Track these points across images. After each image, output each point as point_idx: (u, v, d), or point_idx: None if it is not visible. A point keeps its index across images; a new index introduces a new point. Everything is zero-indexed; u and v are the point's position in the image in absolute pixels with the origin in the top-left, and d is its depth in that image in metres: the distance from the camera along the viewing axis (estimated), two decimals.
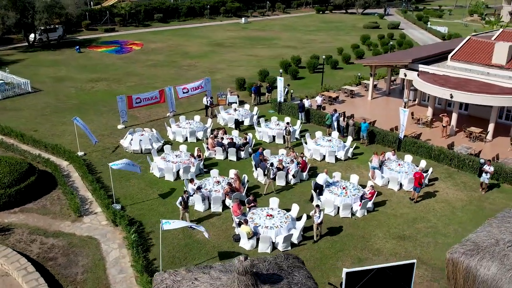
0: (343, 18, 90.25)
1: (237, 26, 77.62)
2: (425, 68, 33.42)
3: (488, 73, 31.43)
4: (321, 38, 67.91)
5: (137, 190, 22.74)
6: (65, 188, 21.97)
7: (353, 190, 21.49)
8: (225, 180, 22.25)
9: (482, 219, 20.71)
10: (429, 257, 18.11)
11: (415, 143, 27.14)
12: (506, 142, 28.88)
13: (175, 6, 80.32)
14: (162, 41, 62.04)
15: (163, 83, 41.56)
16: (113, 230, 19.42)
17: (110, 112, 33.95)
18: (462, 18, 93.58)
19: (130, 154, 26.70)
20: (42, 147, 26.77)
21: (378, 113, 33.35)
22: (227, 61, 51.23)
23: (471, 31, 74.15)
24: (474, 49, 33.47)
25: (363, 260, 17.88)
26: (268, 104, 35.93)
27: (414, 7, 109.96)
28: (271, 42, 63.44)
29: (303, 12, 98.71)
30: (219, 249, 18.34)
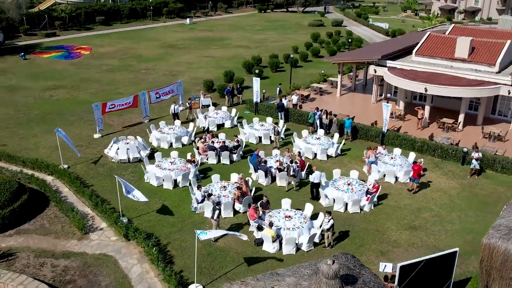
0: (286, 17, 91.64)
1: (183, 27, 76.42)
2: (393, 63, 34.79)
3: (452, 67, 33.28)
4: (271, 37, 68.52)
5: (138, 201, 21.74)
6: (62, 205, 20.58)
7: (358, 185, 21.96)
8: (230, 185, 21.88)
9: (479, 204, 22.09)
10: (444, 245, 18.94)
11: (398, 136, 28.20)
12: (476, 130, 30.76)
13: (117, 8, 77.59)
14: (111, 45, 59.73)
15: (125, 88, 40.24)
16: (126, 245, 18.50)
17: (80, 121, 32.28)
18: (397, 14, 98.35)
19: (118, 164, 25.53)
20: (19, 163, 24.89)
21: (350, 109, 34.22)
22: (185, 63, 50.32)
23: (409, 26, 78.33)
24: (436, 44, 35.30)
25: (385, 253, 18.35)
26: (242, 105, 35.69)
27: (350, 4, 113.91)
28: (223, 43, 63.11)
29: (245, 11, 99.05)
30: (243, 255, 18.04)
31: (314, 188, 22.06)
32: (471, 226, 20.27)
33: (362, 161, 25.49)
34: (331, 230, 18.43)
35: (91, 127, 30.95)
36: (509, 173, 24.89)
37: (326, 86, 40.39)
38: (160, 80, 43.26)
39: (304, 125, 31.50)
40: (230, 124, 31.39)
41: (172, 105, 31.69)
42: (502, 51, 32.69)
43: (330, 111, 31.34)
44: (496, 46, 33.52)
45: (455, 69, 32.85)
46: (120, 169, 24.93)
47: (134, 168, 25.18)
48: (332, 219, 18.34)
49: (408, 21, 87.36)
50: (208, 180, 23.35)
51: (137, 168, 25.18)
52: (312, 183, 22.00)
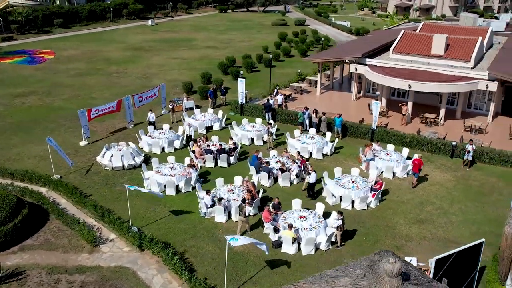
0: (248, 17, 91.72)
1: (146, 29, 74.96)
2: (373, 61, 35.56)
3: (428, 63, 34.43)
4: (236, 37, 68.39)
5: (143, 209, 21.15)
6: (65, 218, 19.66)
7: (362, 182, 22.31)
8: (236, 188, 21.67)
9: (475, 195, 23.02)
10: (454, 236, 19.59)
11: (387, 132, 28.86)
12: (457, 124, 31.98)
13: (75, 10, 75.02)
14: (74, 48, 57.69)
15: (100, 93, 39.06)
16: (141, 256, 17.93)
17: (61, 128, 30.99)
18: (355, 12, 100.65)
19: (112, 172, 24.68)
20: (7, 175, 23.57)
21: (333, 107, 34.52)
22: (156, 66, 49.34)
23: (370, 24, 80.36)
24: (412, 42, 36.40)
25: (400, 248, 18.74)
26: (225, 107, 35.38)
27: (308, 3, 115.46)
28: (190, 44, 62.37)
29: (206, 11, 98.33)
30: (263, 258, 17.88)
31: (310, 190, 22.20)
32: (473, 217, 21.06)
33: (359, 161, 25.86)
34: (339, 230, 18.55)
35: (74, 134, 29.81)
36: (497, 164, 26.03)
37: (305, 85, 40.74)
38: (135, 83, 42.22)
39: (291, 124, 31.66)
40: (218, 127, 31.08)
41: (148, 113, 30.20)
42: (475, 47, 34.13)
43: (316, 109, 31.50)
44: (469, 42, 34.97)
45: (432, 66, 33.99)
46: (116, 177, 24.13)
47: (130, 175, 24.43)
48: (341, 219, 18.47)
49: (367, 20, 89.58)
50: (211, 184, 22.98)
51: (133, 175, 24.46)
52: (309, 184, 22.10)
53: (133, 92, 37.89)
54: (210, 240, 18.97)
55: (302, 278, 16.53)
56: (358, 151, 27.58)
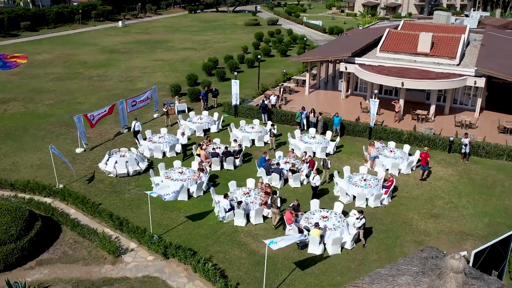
0: (219, 17, 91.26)
1: (117, 30, 73.40)
2: (362, 60, 36.12)
3: (415, 61, 35.31)
4: (212, 38, 67.95)
5: (158, 216, 20.66)
6: (81, 229, 18.97)
7: (373, 180, 22.61)
8: (252, 190, 21.52)
9: (480, 188, 23.75)
10: (469, 229, 20.14)
11: (385, 130, 29.38)
12: (446, 119, 32.91)
13: (42, 13, 72.53)
14: (47, 52, 55.80)
15: (85, 98, 38.01)
16: (167, 264, 17.53)
17: (51, 135, 29.90)
18: (324, 11, 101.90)
19: (117, 179, 24.01)
20: (7, 186, 22.53)
21: (324, 106, 34.76)
22: (137, 68, 48.38)
23: (341, 23, 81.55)
24: (398, 40, 37.23)
25: (421, 243, 19.07)
26: (216, 109, 35.02)
27: (277, 3, 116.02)
28: (167, 45, 61.51)
29: (175, 12, 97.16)
30: (291, 260, 17.84)
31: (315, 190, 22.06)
32: (482, 210, 21.72)
33: (364, 160, 26.16)
34: (362, 229, 18.74)
35: (67, 141, 28.84)
36: (493, 157, 26.97)
37: (293, 85, 40.91)
38: (119, 87, 41.27)
39: (287, 125, 31.73)
40: (216, 129, 30.77)
41: (133, 121, 28.51)
42: (459, 44, 35.27)
43: (313, 109, 31.70)
44: (453, 40, 36.09)
45: (419, 63, 34.88)
46: (123, 184, 23.49)
47: (137, 181, 23.84)
48: (363, 218, 18.67)
49: (337, 19, 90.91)
50: (223, 188, 22.69)
51: (139, 181, 23.88)
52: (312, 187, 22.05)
53: (119, 96, 37.28)
54: (233, 244, 18.75)
55: (334, 278, 16.68)
56: (358, 149, 28.03)
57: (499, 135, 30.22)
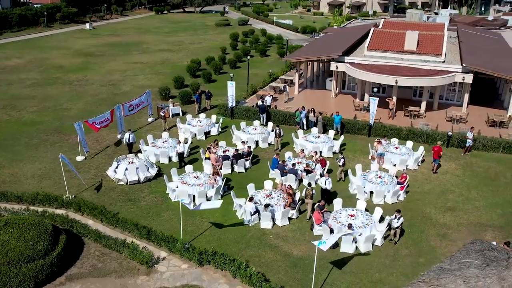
0: (187, 18, 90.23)
1: (85, 33, 71.25)
2: (352, 59, 36.67)
3: (402, 59, 36.21)
4: (186, 39, 67.15)
5: (182, 223, 20.24)
6: (107, 240, 18.33)
7: (388, 177, 23.04)
8: (273, 192, 21.45)
9: (484, 180, 24.70)
10: (486, 220, 20.90)
11: (384, 127, 29.99)
12: (438, 115, 33.93)
13: (4, 15, 69.37)
14: (17, 56, 53.48)
15: (72, 103, 36.84)
16: (203, 271, 17.23)
17: (45, 144, 28.76)
18: (290, 11, 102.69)
19: (129, 187, 23.37)
20: (13, 199, 21.47)
21: (317, 105, 34.61)
22: (117, 71, 47.16)
23: (310, 22, 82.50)
24: (384, 39, 38.02)
25: (445, 236, 19.65)
26: (211, 111, 34.61)
27: (242, 2, 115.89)
28: (142, 47, 60.29)
29: (141, 13, 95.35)
30: (326, 260, 17.91)
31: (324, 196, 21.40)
32: (493, 201, 22.59)
33: (372, 157, 26.59)
34: (400, 228, 18.94)
35: (64, 149, 27.77)
36: (490, 150, 28.05)
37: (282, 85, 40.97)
38: (103, 91, 40.13)
39: (285, 125, 31.78)
40: (216, 132, 30.47)
41: (128, 133, 26.69)
42: (443, 42, 36.45)
43: (313, 108, 31.82)
44: (437, 38, 37.25)
45: (406, 61, 35.78)
46: (136, 191, 22.88)
47: (149, 188, 23.28)
48: (401, 217, 18.91)
49: (306, 18, 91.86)
50: (237, 191, 22.46)
51: (152, 188, 23.33)
52: (322, 190, 21.85)
53: (106, 101, 36.51)
54: (265, 248, 18.66)
55: (372, 275, 16.89)
56: (361, 146, 28.56)
57: (488, 129, 31.44)
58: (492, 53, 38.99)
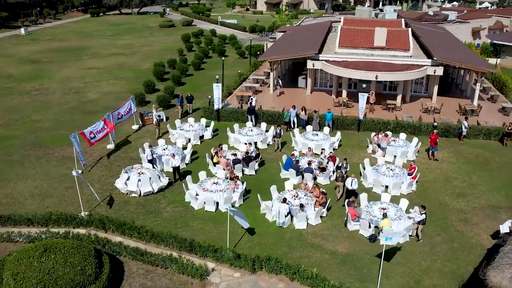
0: (125, 20, 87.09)
1: (22, 39, 66.63)
2: (326, 56, 37.50)
3: (372, 55, 37.68)
4: (134, 42, 64.94)
5: (214, 231, 19.75)
6: (150, 257, 17.44)
7: (399, 169, 23.95)
8: (300, 192, 21.52)
9: (479, 165, 26.47)
10: (495, 202, 22.43)
11: (373, 121, 31.07)
12: (413, 107, 35.66)
13: None
14: None
15: (40, 115, 34.68)
16: (258, 277, 16.98)
17: (30, 159, 26.74)
18: (230, 10, 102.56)
19: (143, 198, 22.37)
20: (23, 222, 19.76)
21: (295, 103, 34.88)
22: (74, 78, 44.65)
23: (253, 21, 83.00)
24: (353, 36, 39.24)
25: (466, 220, 20.83)
26: (193, 114, 33.88)
27: (178, 3, 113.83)
28: (91, 52, 57.46)
29: (76, 16, 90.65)
30: (371, 254, 18.34)
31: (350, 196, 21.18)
32: (493, 184, 24.27)
33: (373, 151, 27.42)
34: (421, 224, 19.69)
35: (52, 164, 26.07)
36: (473, 138, 29.98)
37: (256, 85, 40.99)
38: (69, 100, 37.88)
39: (275, 124, 31.73)
40: (210, 135, 29.92)
41: (148, 149, 24.80)
42: (409, 37, 38.36)
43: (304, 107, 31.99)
44: (403, 33, 39.10)
45: (376, 57, 37.26)
46: (152, 203, 21.95)
47: (165, 198, 22.41)
48: (425, 213, 19.67)
49: (248, 17, 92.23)
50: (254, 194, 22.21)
51: (168, 198, 22.49)
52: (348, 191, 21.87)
53: (76, 110, 35.49)
54: (309, 247, 18.73)
55: (419, 264, 17.54)
56: (355, 141, 29.44)
57: (462, 117, 33.55)
58: (448, 47, 41.60)
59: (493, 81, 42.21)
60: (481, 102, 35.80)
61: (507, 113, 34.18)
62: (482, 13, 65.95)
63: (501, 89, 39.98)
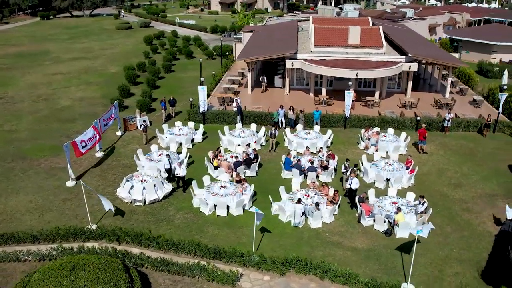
0: (80, 22, 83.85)
1: None
2: (302, 55, 37.84)
3: (347, 53, 38.50)
4: (94, 45, 62.79)
5: (231, 235, 19.51)
6: (176, 267, 16.97)
7: (397, 164, 24.63)
8: (311, 192, 21.64)
9: (465, 156, 27.75)
10: (489, 190, 23.60)
11: (358, 118, 31.76)
12: (390, 102, 36.78)
13: None
14: None
15: (13, 125, 33.17)
16: (288, 279, 16.94)
17: (15, 172, 25.40)
18: (184, 11, 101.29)
19: (150, 207, 21.72)
20: (28, 239, 18.67)
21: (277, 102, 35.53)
22: (40, 85, 42.62)
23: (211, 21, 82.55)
24: (328, 35, 39.87)
25: (470, 209, 21.76)
26: (175, 118, 33.27)
27: (130, 4, 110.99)
28: (50, 57, 55.00)
29: (24, 19, 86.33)
30: (390, 247, 18.75)
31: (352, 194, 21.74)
32: (483, 174, 25.49)
33: (366, 147, 28.00)
34: (425, 212, 20.38)
35: (41, 176, 24.82)
36: (454, 130, 31.30)
37: (232, 85, 40.78)
38: (40, 107, 36.15)
39: (261, 125, 31.77)
40: (200, 138, 29.49)
41: (167, 158, 24.16)
42: (381, 35, 39.49)
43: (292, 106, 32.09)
44: (375, 31, 40.15)
45: (351, 55, 38.09)
46: (160, 210, 21.37)
47: (172, 205, 21.86)
48: (425, 203, 20.46)
49: (204, 17, 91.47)
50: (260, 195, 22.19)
51: (174, 204, 21.96)
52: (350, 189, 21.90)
53: (50, 118, 34.36)
54: (330, 245, 18.90)
55: (437, 253, 18.16)
56: (345, 138, 29.96)
57: (437, 111, 35.01)
58: (416, 43, 43.18)
59: (457, 75, 44.25)
60: (451, 95, 37.45)
61: (478, 105, 35.96)
62: (436, 10, 69.08)
63: (467, 83, 42.00)
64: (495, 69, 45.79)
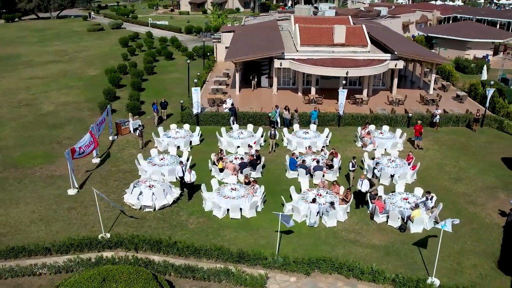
0: (49, 25, 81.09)
1: None
2: (289, 55, 37.96)
3: (333, 51, 38.93)
4: (68, 47, 60.96)
5: (250, 238, 19.37)
6: (202, 273, 16.70)
7: (400, 160, 25.07)
8: (322, 191, 21.73)
9: (460, 150, 28.56)
10: (490, 182, 24.37)
11: (352, 116, 32.16)
12: (377, 99, 37.40)
13: None
14: None
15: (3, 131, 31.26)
16: (314, 279, 16.98)
17: (10, 181, 24.47)
18: (153, 11, 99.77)
19: (160, 212, 21.31)
20: (40, 252, 17.98)
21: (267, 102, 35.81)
22: (18, 90, 41.12)
23: (184, 22, 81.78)
24: (314, 34, 40.18)
25: (474, 202, 22.42)
26: (167, 121, 32.80)
27: (97, 5, 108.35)
28: (23, 61, 53.11)
29: None
30: (407, 243, 19.10)
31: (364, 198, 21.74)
32: (481, 167, 26.29)
33: (364, 144, 28.35)
34: (435, 207, 20.88)
35: (39, 185, 23.99)
36: (444, 125, 32.14)
37: (219, 87, 40.49)
38: (23, 113, 34.90)
39: (257, 125, 31.67)
40: (198, 141, 29.14)
41: (179, 166, 23.04)
42: (365, 33, 40.12)
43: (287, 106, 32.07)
44: (359, 30, 40.72)
45: (337, 53, 38.53)
46: (172, 216, 20.99)
47: (182, 210, 21.51)
48: (433, 197, 20.96)
49: (176, 18, 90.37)
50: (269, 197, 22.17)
51: (185, 209, 21.61)
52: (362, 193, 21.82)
53: (36, 124, 33.53)
54: (349, 244, 19.06)
55: (452, 247, 18.65)
56: (341, 136, 30.30)
57: (423, 107, 35.87)
58: (398, 41, 44.08)
59: (437, 72, 45.42)
60: (435, 92, 38.45)
61: (462, 101, 37.07)
62: (408, 8, 70.77)
63: (448, 79, 43.21)
64: (471, 65, 47.30)
